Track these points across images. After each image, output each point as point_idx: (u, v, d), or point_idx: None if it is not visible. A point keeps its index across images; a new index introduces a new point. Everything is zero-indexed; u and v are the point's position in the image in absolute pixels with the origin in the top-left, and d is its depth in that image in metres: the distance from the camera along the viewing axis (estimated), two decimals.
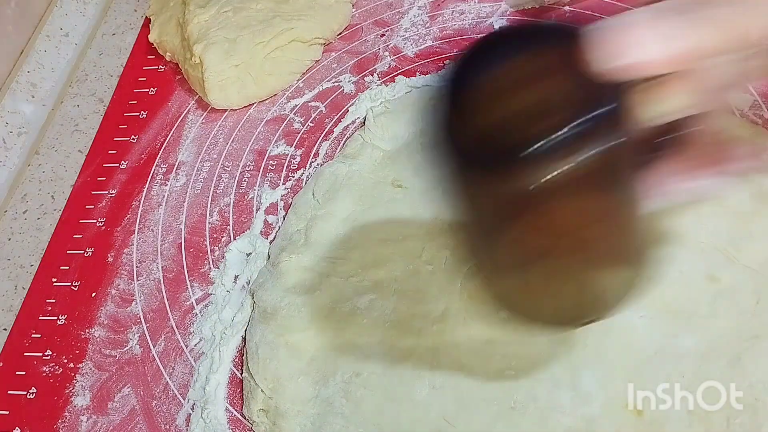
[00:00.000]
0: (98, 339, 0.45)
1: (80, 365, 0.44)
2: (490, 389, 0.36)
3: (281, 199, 0.49)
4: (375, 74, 0.54)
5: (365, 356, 0.38)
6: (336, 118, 0.52)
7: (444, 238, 0.42)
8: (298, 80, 0.55)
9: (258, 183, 0.50)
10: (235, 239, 0.47)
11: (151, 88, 0.58)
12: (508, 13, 0.55)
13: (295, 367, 0.39)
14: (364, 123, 0.50)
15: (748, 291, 0.37)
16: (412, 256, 0.41)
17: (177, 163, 0.53)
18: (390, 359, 0.38)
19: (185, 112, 0.56)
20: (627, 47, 0.22)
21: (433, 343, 0.38)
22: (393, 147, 0.47)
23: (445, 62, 0.53)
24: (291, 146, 0.51)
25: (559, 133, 0.20)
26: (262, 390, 0.38)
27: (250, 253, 0.46)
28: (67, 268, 0.48)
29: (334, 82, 0.54)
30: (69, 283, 0.47)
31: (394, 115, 0.48)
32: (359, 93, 0.53)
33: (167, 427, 0.40)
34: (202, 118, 0.55)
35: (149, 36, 0.58)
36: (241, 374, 0.41)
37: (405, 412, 0.36)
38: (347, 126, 0.51)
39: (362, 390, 0.37)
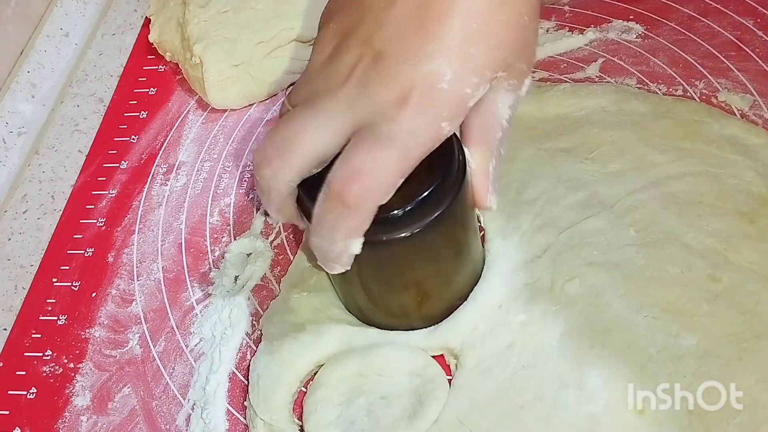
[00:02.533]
0: (98, 339, 0.45)
1: (80, 365, 0.44)
2: (502, 389, 0.37)
3: None
4: None
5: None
6: None
7: None
8: None
9: None
10: (235, 239, 0.47)
11: (151, 88, 0.58)
12: None
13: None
14: None
15: (748, 291, 0.37)
16: None
17: (177, 163, 0.53)
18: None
19: (185, 112, 0.56)
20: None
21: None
22: None
23: None
24: None
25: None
26: (261, 418, 0.38)
27: (251, 253, 0.46)
28: (67, 268, 0.48)
29: None
30: (69, 283, 0.47)
31: None
32: None
33: (167, 427, 0.40)
34: (202, 118, 0.55)
35: (149, 36, 0.58)
36: (242, 375, 0.41)
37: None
38: None
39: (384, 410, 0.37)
